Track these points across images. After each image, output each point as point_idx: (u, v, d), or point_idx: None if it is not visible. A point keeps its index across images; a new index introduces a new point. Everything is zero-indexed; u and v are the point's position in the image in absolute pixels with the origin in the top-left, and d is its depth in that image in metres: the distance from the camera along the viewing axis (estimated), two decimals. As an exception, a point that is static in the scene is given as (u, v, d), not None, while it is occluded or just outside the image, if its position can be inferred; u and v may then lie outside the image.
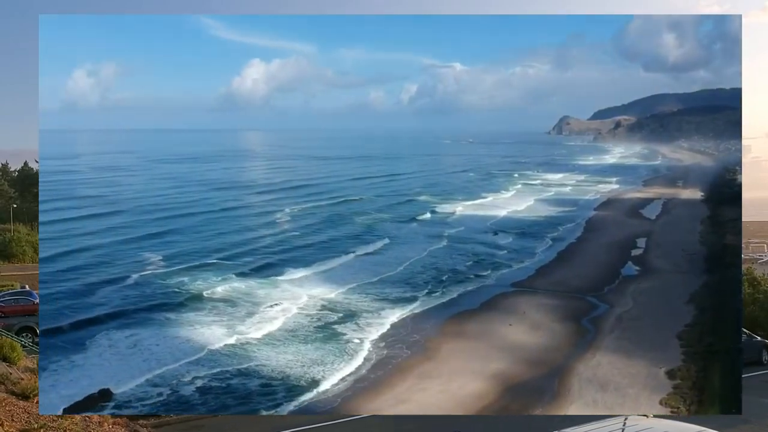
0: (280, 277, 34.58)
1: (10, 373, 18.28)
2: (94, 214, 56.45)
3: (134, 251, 40.72)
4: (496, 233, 49.01)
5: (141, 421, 18.08)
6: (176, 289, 31.92)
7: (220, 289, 31.75)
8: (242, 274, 34.92)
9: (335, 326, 26.57)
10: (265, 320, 27.19)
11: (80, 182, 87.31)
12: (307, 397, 19.89)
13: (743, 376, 23.97)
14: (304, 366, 22.26)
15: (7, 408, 15.38)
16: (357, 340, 24.83)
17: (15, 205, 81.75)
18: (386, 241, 45.19)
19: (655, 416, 8.02)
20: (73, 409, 18.57)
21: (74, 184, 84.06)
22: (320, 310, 28.74)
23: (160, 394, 19.88)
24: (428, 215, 58.47)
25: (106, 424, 16.56)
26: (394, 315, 28.17)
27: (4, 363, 18.97)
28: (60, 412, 17.34)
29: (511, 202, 68.61)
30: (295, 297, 30.75)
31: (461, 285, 33.58)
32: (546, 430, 9.28)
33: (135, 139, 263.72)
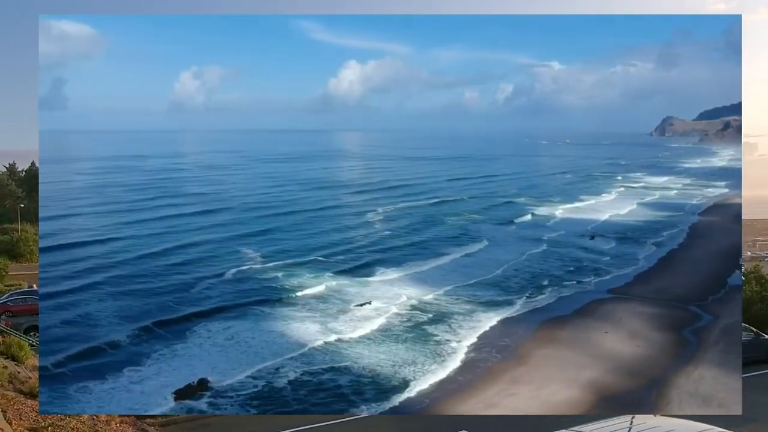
0: (372, 277, 34.96)
1: (18, 372, 18.51)
2: (201, 211, 59.22)
3: (236, 247, 42.39)
4: (592, 237, 47.57)
5: (148, 420, 18.40)
6: (272, 285, 32.98)
7: (313, 286, 32.50)
8: (335, 272, 35.58)
9: (426, 327, 26.60)
10: (356, 318, 27.61)
11: (188, 180, 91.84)
12: (397, 396, 20.02)
13: (749, 375, 23.36)
14: (395, 365, 22.41)
15: (15, 407, 15.62)
16: (449, 342, 24.76)
17: (22, 205, 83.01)
18: (484, 243, 44.64)
19: (662, 415, 8.00)
20: (179, 396, 19.65)
21: (182, 182, 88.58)
22: (411, 310, 28.86)
23: (255, 386, 20.58)
24: (528, 217, 57.54)
25: (113, 422, 16.85)
26: (487, 318, 27.86)
27: (12, 362, 19.19)
28: (64, 412, 17.27)
29: (612, 206, 66.37)
30: (386, 296, 31.05)
31: (556, 290, 32.78)
32: (552, 430, 9.14)
33: (237, 139, 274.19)
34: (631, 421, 7.55)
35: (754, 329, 28.65)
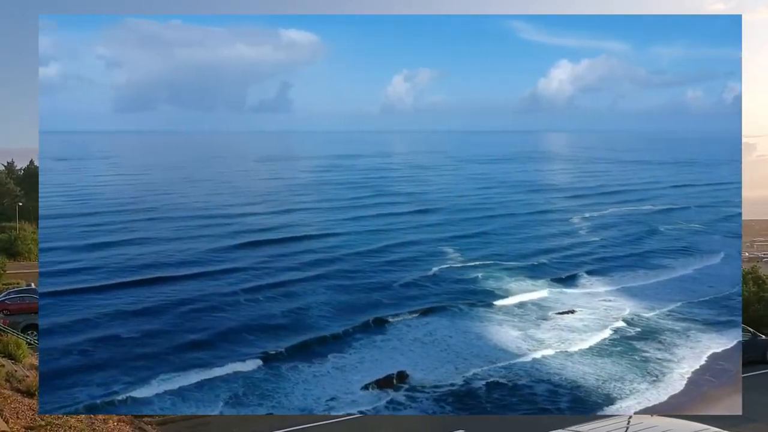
0: (576, 288, 33.46)
1: (16, 371, 18.78)
2: (413, 210, 60.95)
3: (445, 248, 42.88)
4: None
5: (146, 419, 18.57)
6: (471, 285, 33.17)
7: (518, 293, 31.91)
8: (540, 279, 34.78)
9: (634, 342, 25.07)
10: (559, 327, 26.84)
11: (399, 179, 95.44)
12: (597, 412, 19.15)
13: (747, 375, 23.23)
14: (599, 380, 21.44)
15: (12, 405, 15.92)
16: (661, 361, 23.13)
17: (20, 204, 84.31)
18: (719, 257, 40.86)
19: (659, 415, 7.75)
20: (379, 385, 20.58)
21: (393, 181, 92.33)
22: (618, 323, 27.33)
23: (452, 384, 20.89)
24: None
25: (111, 422, 17.10)
26: (708, 338, 25.62)
27: (9, 360, 19.44)
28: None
29: None
30: (589, 306, 29.82)
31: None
32: (549, 430, 8.56)
33: (444, 140, 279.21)
34: (629, 421, 7.57)
35: (751, 329, 28.28)
